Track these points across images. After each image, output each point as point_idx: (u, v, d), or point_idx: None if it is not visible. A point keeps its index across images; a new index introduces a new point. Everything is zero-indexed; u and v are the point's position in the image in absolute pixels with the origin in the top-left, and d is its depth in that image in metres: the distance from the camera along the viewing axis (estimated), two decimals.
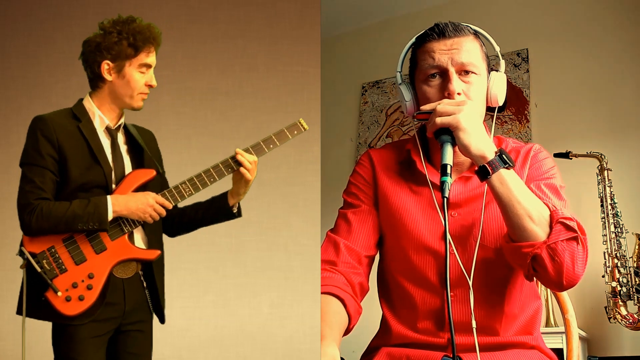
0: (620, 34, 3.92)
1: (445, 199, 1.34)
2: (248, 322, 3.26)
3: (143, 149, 2.05)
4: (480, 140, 1.40)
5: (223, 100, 3.40)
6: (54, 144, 1.91)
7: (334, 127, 4.72)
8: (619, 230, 3.28)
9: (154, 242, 2.03)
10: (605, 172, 3.38)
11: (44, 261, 1.87)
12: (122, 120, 2.04)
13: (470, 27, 1.56)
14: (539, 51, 4.15)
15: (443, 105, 1.44)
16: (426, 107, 1.48)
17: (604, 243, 3.25)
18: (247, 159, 2.00)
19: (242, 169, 2.00)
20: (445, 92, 1.50)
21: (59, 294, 1.85)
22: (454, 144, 1.42)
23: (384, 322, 1.62)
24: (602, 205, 3.33)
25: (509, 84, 1.65)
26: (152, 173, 2.01)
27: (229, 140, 3.29)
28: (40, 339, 1.93)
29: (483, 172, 1.39)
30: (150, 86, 2.00)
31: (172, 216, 2.11)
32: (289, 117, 2.13)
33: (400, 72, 1.64)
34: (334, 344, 1.38)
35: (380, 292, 1.66)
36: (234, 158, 2.01)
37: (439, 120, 1.41)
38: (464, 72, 1.51)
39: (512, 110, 4.11)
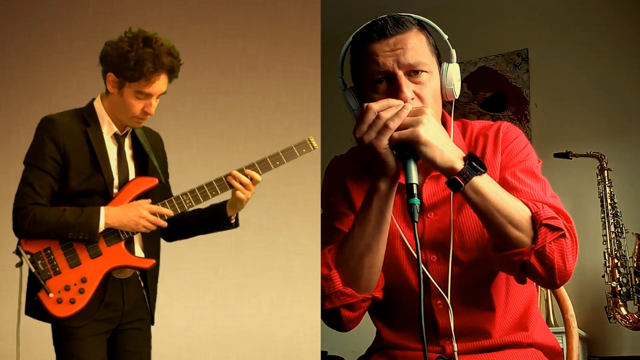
0: (620, 34, 3.92)
1: (415, 224, 1.23)
2: (248, 322, 3.26)
3: (148, 156, 2.03)
4: (446, 151, 1.28)
5: (223, 100, 3.40)
6: (59, 148, 1.89)
7: (334, 127, 4.71)
8: (619, 230, 3.28)
9: (150, 249, 2.02)
10: (605, 172, 3.38)
11: (39, 262, 1.88)
12: (129, 127, 2.02)
13: (412, 18, 1.43)
14: (539, 51, 4.15)
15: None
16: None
17: (604, 243, 3.25)
18: (241, 180, 1.95)
19: (236, 192, 1.97)
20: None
21: (51, 295, 1.86)
22: (417, 159, 1.30)
23: (378, 333, 1.58)
24: (602, 205, 3.33)
25: (509, 83, 1.62)
26: (154, 181, 1.99)
27: (229, 140, 3.29)
28: (40, 339, 1.93)
29: (454, 184, 1.28)
30: (146, 114, 1.93)
31: (171, 221, 2.09)
32: (289, 117, 2.14)
33: (341, 77, 1.53)
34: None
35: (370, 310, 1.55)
36: (227, 176, 1.97)
37: (396, 135, 1.29)
38: (412, 72, 1.39)
39: (512, 110, 4.11)
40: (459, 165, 1.28)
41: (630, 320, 3.12)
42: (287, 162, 2.01)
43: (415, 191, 1.25)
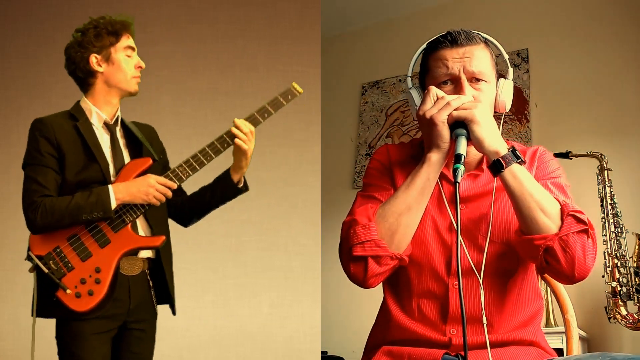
0: (620, 33, 3.91)
1: (457, 184, 1.37)
2: (248, 322, 3.26)
3: (142, 143, 2.06)
4: (494, 136, 1.45)
5: (223, 100, 3.40)
6: (53, 143, 1.94)
7: (334, 127, 4.72)
8: (619, 230, 3.28)
9: (161, 231, 2.04)
10: (605, 172, 3.38)
11: (51, 262, 1.89)
12: (118, 113, 2.06)
13: (481, 35, 1.61)
14: (539, 51, 4.15)
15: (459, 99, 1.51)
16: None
17: (604, 243, 3.25)
18: (241, 129, 2.01)
19: (236, 140, 2.00)
20: None
21: (68, 291, 1.87)
22: (468, 139, 1.46)
23: (385, 311, 1.63)
24: (602, 205, 3.33)
25: None
26: (148, 161, 2.02)
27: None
28: (41, 340, 1.93)
29: (496, 166, 1.43)
30: (140, 68, 2.05)
31: (181, 205, 2.13)
32: (289, 117, 2.14)
33: (410, 76, 1.67)
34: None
35: (386, 280, 1.65)
36: (228, 132, 2.02)
37: (455, 113, 1.46)
38: (474, 79, 1.56)
39: (512, 110, 4.11)
40: (503, 150, 1.44)
41: (630, 320, 3.12)
42: (275, 113, 2.10)
43: (462, 160, 1.40)
